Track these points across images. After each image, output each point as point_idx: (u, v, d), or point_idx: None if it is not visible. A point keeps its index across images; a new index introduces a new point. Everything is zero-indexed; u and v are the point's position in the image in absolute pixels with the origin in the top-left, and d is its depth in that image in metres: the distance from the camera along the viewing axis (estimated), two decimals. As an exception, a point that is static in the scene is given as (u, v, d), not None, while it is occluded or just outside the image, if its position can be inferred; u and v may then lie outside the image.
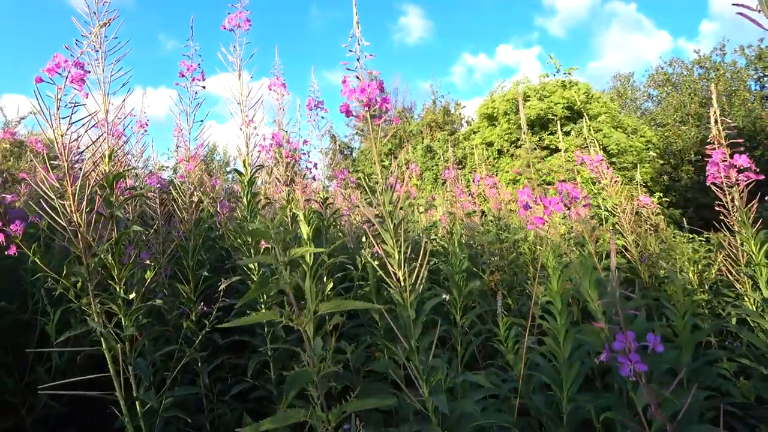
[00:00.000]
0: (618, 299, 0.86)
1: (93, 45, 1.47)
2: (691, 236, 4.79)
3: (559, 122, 12.27)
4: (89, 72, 1.25)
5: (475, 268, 2.68)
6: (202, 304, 1.93)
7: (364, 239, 2.36)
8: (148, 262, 1.78)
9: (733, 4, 0.61)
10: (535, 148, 12.23)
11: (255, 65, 2.27)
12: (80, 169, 1.25)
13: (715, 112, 1.70)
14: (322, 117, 3.12)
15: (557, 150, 12.07)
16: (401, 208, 1.19)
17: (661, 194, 4.06)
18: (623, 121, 12.52)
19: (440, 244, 2.77)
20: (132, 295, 1.49)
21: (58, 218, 1.23)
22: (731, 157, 1.58)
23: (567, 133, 12.29)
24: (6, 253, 1.44)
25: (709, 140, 2.01)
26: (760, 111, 16.06)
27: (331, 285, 1.79)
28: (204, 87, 2.33)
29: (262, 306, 1.81)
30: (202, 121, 2.48)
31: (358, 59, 1.00)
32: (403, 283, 1.18)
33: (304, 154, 2.31)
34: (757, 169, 1.49)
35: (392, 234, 1.19)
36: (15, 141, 3.75)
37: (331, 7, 39.71)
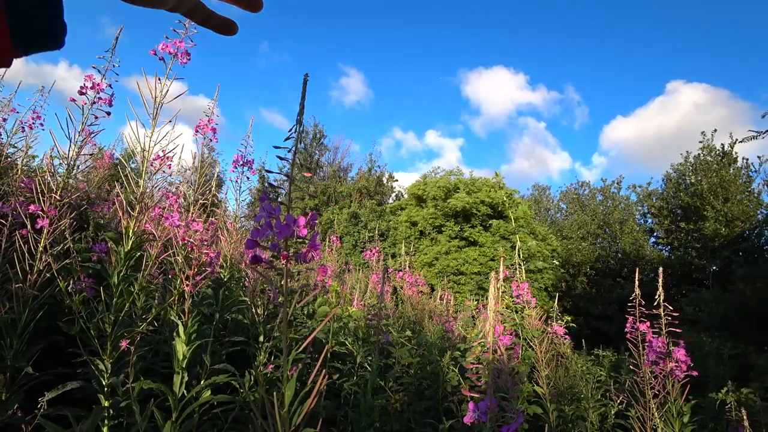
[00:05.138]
0: None
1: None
2: (589, 357, 5.30)
3: (480, 218, 12.97)
4: None
5: (382, 381, 2.40)
6: (16, 407, 1.41)
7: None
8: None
9: None
10: (455, 237, 12.68)
11: (180, 107, 1.93)
12: None
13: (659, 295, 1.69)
14: (248, 177, 2.80)
15: (475, 243, 12.62)
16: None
17: (570, 318, 4.22)
18: (536, 228, 13.56)
19: (348, 347, 2.47)
20: None
21: None
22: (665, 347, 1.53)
23: (486, 228, 12.97)
24: None
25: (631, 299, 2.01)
26: (643, 241, 18.56)
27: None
28: (109, 114, 1.94)
29: None
30: (92, 154, 2.05)
31: (288, 174, 0.68)
32: None
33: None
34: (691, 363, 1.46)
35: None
36: None
37: (280, 48, 40.45)
